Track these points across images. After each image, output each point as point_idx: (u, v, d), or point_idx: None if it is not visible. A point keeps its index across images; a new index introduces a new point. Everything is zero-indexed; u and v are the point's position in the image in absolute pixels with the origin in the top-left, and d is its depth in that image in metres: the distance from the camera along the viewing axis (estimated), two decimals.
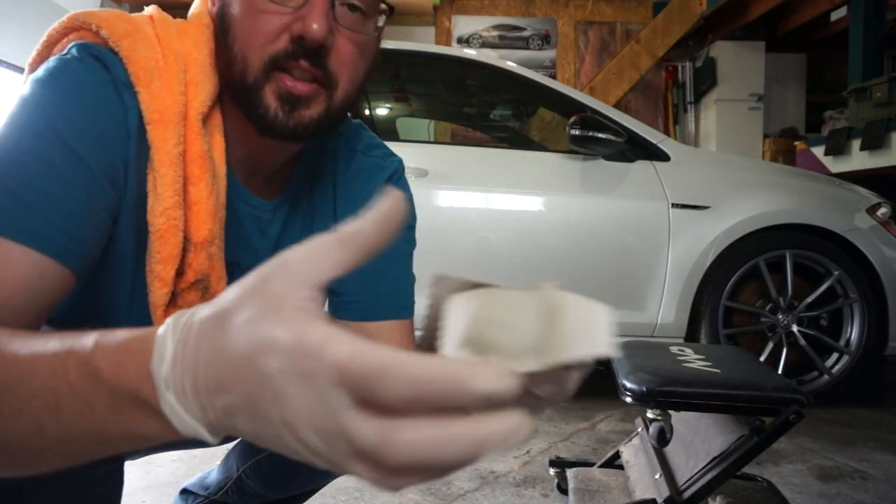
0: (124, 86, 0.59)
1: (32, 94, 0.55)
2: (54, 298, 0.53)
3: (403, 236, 0.80)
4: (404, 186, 0.82)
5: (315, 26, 0.57)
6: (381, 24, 0.64)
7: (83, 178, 0.54)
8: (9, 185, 0.50)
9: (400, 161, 0.83)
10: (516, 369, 0.32)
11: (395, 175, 0.81)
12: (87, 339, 0.33)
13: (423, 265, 0.82)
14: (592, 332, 0.36)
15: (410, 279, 0.80)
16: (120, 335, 0.33)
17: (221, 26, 0.62)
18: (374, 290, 0.76)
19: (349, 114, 0.72)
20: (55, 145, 0.53)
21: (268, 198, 0.71)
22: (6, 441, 0.35)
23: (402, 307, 0.77)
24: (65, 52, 0.59)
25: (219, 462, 1.03)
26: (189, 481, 1.08)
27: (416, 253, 0.82)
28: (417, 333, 0.45)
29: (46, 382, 0.33)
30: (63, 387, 0.33)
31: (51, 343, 0.34)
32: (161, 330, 0.32)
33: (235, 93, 0.62)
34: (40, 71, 0.57)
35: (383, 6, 0.63)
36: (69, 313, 0.63)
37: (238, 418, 0.29)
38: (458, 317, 0.37)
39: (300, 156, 0.73)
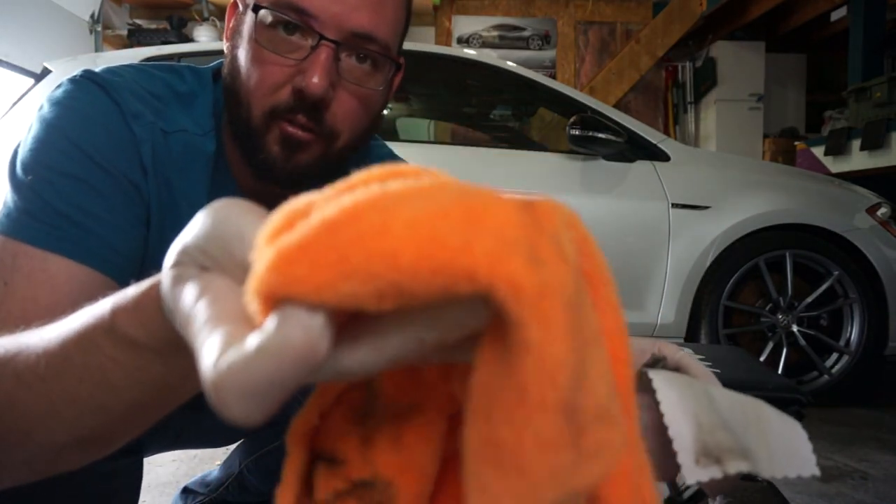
0: (134, 117, 0.60)
1: (52, 115, 0.58)
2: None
3: None
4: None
5: (315, 80, 0.57)
6: (390, 76, 0.64)
7: (111, 188, 0.57)
8: (45, 199, 0.53)
9: (383, 145, 0.82)
10: (753, 472, 0.37)
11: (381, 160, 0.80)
12: (104, 308, 0.31)
13: None
14: (800, 452, 0.40)
15: None
16: (132, 293, 0.31)
17: (231, 70, 0.63)
18: None
19: None
20: (84, 163, 0.56)
21: None
22: (76, 427, 0.33)
23: None
24: (73, 75, 0.61)
25: (219, 462, 1.03)
26: (190, 480, 1.08)
27: None
28: None
29: (86, 362, 0.31)
30: (105, 361, 0.31)
31: (74, 323, 0.33)
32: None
33: (238, 134, 0.62)
34: (56, 92, 0.60)
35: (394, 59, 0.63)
36: None
37: None
38: (679, 415, 0.39)
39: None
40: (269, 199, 0.66)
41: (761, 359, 2.27)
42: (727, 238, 2.27)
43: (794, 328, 2.31)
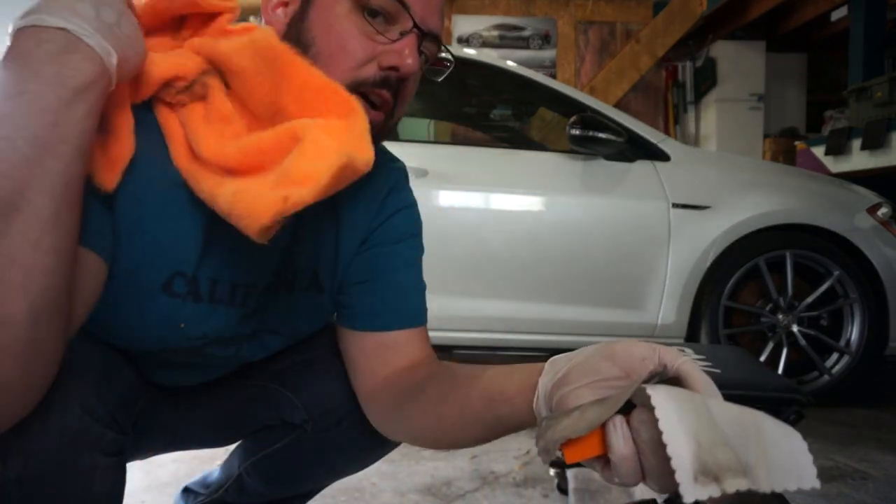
0: None
1: None
2: (98, 289, 0.57)
3: (410, 244, 0.80)
4: (408, 193, 0.82)
5: (410, 61, 0.63)
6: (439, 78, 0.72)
7: None
8: None
9: (402, 168, 0.83)
10: (752, 488, 0.37)
11: (399, 183, 0.81)
12: None
13: (424, 267, 0.82)
14: (800, 465, 0.40)
15: (421, 286, 0.80)
16: None
17: (298, 41, 0.64)
18: (387, 301, 0.76)
19: None
20: None
21: None
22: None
23: (415, 315, 0.77)
24: None
25: (219, 462, 1.03)
26: (191, 480, 1.08)
27: None
28: (592, 393, 0.47)
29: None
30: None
31: None
32: None
33: None
34: None
35: (447, 57, 0.71)
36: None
37: None
38: (679, 434, 0.39)
39: None
40: None
41: (761, 359, 2.27)
42: (727, 238, 2.26)
43: (795, 328, 2.31)
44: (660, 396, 0.40)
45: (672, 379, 0.46)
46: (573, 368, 0.49)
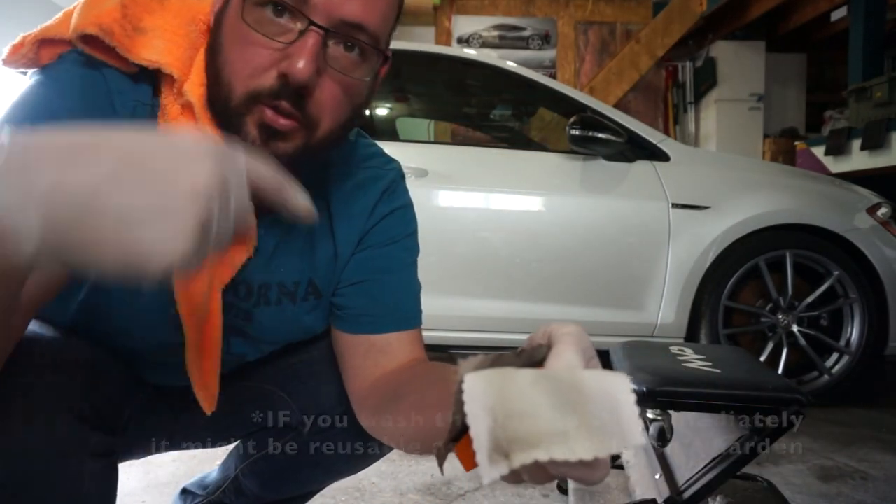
0: (118, 93, 0.61)
1: (37, 83, 0.60)
2: (49, 290, 0.55)
3: (406, 245, 0.78)
4: (402, 194, 0.80)
5: (300, 66, 0.56)
6: (377, 68, 0.63)
7: None
8: None
9: (397, 169, 0.80)
10: (552, 459, 0.33)
11: (393, 185, 0.78)
12: None
13: (423, 267, 0.82)
14: (621, 420, 0.35)
15: (416, 288, 0.79)
16: None
17: (213, 45, 0.61)
18: (380, 303, 0.75)
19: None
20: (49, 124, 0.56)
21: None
22: None
23: (408, 317, 0.76)
24: (67, 52, 0.61)
25: (219, 462, 1.03)
26: (189, 481, 1.08)
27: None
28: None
29: None
30: None
31: None
32: None
33: (217, 112, 0.61)
34: (53, 65, 0.61)
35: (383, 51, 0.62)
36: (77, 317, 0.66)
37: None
38: (478, 413, 0.35)
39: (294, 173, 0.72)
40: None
41: (761, 359, 2.27)
42: (727, 238, 2.26)
43: (795, 328, 2.31)
44: (471, 380, 0.37)
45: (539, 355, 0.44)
46: None
